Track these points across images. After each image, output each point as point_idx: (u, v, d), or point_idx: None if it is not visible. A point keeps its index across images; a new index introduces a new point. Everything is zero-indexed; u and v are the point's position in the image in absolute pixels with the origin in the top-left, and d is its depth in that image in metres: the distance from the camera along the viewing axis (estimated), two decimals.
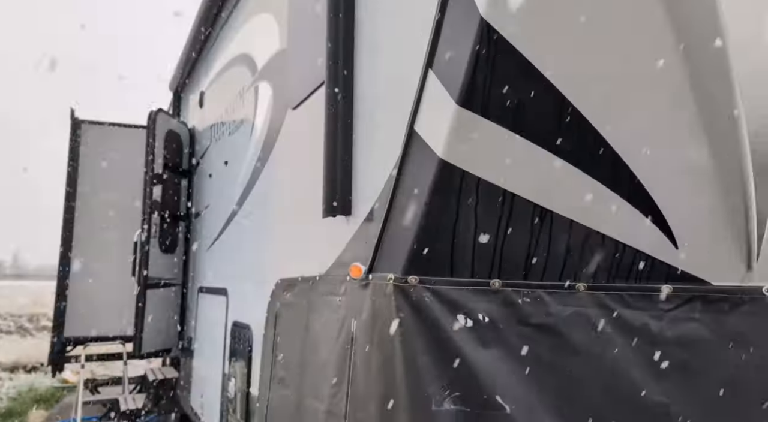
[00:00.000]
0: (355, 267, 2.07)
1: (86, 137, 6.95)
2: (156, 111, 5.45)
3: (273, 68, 3.40)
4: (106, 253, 6.89)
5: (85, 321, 6.78)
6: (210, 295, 4.66)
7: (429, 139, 1.68)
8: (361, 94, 2.24)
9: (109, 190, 6.99)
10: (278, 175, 3.22)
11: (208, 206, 5.07)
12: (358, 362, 1.93)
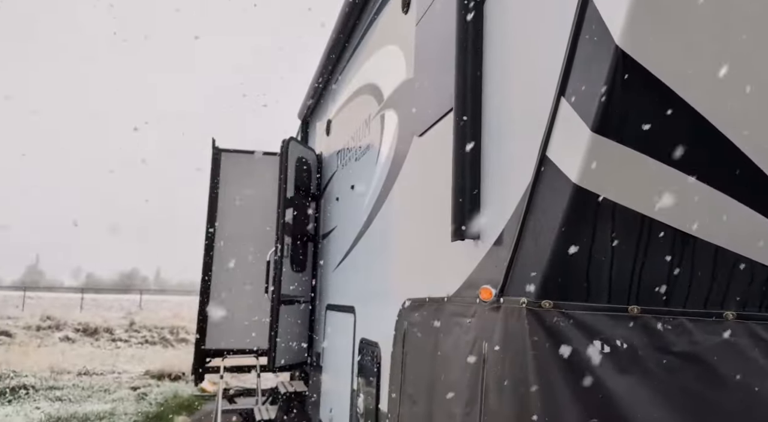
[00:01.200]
0: (485, 290, 2.12)
1: (225, 164, 7.60)
2: (288, 139, 5.85)
3: (399, 97, 3.56)
4: (241, 272, 7.44)
5: (223, 335, 7.34)
6: (338, 313, 4.89)
7: (562, 165, 1.71)
8: (489, 120, 2.30)
9: (243, 213, 7.58)
10: (404, 198, 3.35)
11: (335, 228, 5.33)
12: (491, 383, 1.97)
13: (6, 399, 9.65)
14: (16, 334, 20.50)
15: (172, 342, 21.42)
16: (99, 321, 23.13)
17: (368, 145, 4.23)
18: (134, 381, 11.68)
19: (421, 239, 3.03)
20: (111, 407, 9.11)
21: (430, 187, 2.91)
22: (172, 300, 38.04)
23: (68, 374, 12.11)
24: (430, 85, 2.96)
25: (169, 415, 8.45)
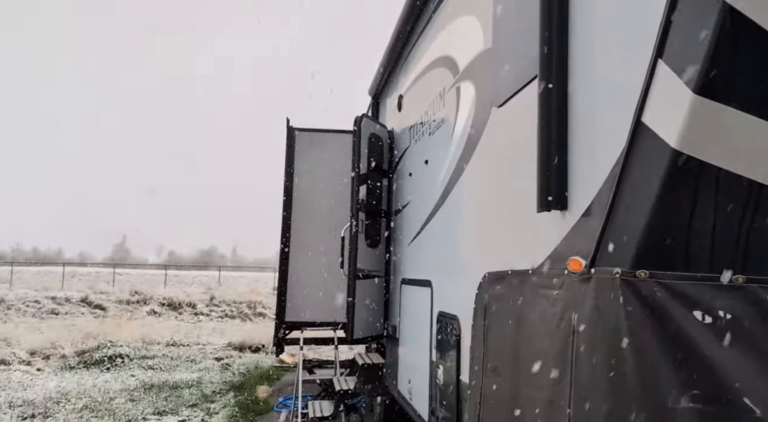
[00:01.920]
0: (574, 261, 2.08)
1: (299, 143, 7.77)
2: (361, 116, 5.90)
3: (476, 68, 3.51)
4: (317, 247, 7.63)
5: (301, 309, 7.59)
6: (413, 287, 4.94)
7: (660, 130, 1.64)
8: (576, 87, 2.23)
9: (318, 190, 7.74)
10: (483, 171, 3.32)
11: (409, 203, 5.35)
12: (582, 355, 1.95)
13: (105, 367, 10.42)
14: (109, 308, 22.01)
15: (250, 316, 22.35)
16: (182, 296, 24.41)
17: (443, 118, 4.20)
18: (217, 352, 12.31)
19: (501, 211, 3.00)
20: (198, 376, 9.65)
21: (511, 158, 2.86)
22: (248, 276, 39.55)
23: (158, 345, 12.90)
24: (511, 54, 2.89)
25: (251, 384, 8.86)
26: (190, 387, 8.76)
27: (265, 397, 8.14)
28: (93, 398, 7.92)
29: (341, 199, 7.46)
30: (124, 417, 6.94)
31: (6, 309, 20.50)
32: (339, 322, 7.33)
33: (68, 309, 21.54)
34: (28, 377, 9.61)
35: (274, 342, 7.65)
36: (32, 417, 6.92)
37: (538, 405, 2.21)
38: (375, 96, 7.33)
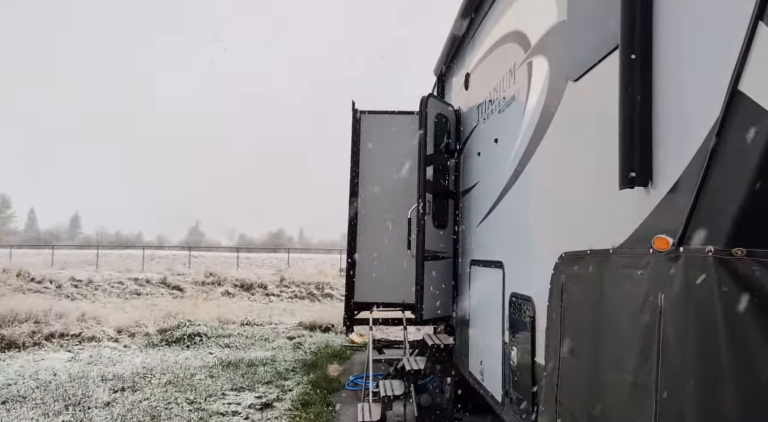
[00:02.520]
0: (660, 239, 1.99)
1: (365, 125, 7.81)
2: (427, 96, 5.85)
3: (549, 42, 3.39)
4: (384, 229, 7.69)
5: (370, 290, 7.69)
6: (483, 268, 4.89)
7: (760, 98, 1.53)
8: (662, 55, 2.12)
9: (384, 172, 7.78)
10: (558, 148, 3.22)
11: (477, 183, 5.28)
12: (670, 336, 1.87)
13: (185, 345, 10.96)
14: (186, 289, 23.06)
15: (318, 297, 22.87)
16: (253, 277, 25.24)
17: (513, 95, 4.10)
18: (289, 332, 12.68)
19: (579, 189, 2.90)
20: (272, 354, 9.98)
21: (589, 133, 2.76)
22: (316, 258, 40.46)
23: (233, 324, 13.43)
24: (587, 26, 2.78)
25: (322, 363, 9.08)
26: (265, 364, 9.08)
27: (336, 375, 8.33)
28: (175, 374, 8.36)
29: (408, 181, 7.48)
30: (205, 392, 7.29)
31: (94, 290, 21.87)
32: (407, 303, 7.39)
33: (149, 290, 22.74)
34: (116, 353, 10.25)
35: (344, 322, 7.81)
36: (122, 390, 7.38)
37: (622, 388, 2.15)
38: (440, 75, 7.25)
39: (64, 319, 12.00)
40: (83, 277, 23.28)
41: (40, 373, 8.33)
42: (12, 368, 8.75)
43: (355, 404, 6.52)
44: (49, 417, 6.15)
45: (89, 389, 7.36)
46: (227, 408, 6.66)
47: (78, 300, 19.41)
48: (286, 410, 6.60)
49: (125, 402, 6.77)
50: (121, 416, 6.17)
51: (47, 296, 18.54)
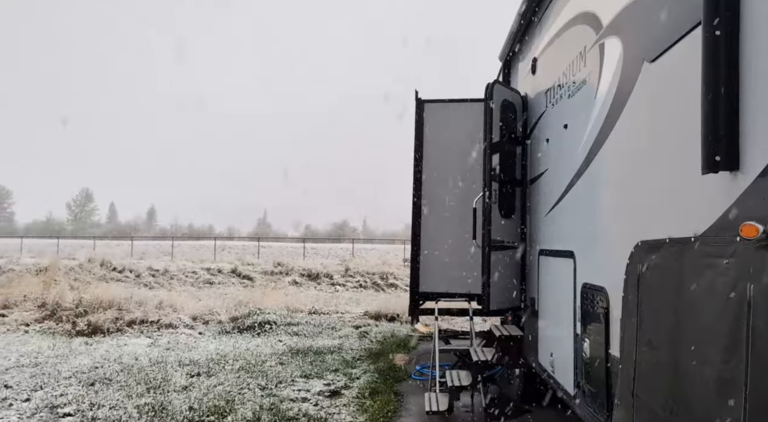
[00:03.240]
0: (748, 226, 1.88)
1: (428, 115, 7.76)
2: (492, 82, 5.74)
3: (622, 22, 3.25)
4: (449, 219, 7.64)
5: (435, 280, 7.67)
6: (553, 258, 4.77)
7: None
8: (751, 30, 1.98)
9: (447, 161, 7.71)
10: (633, 132, 3.09)
11: (546, 171, 5.15)
12: (761, 328, 1.77)
13: (255, 332, 11.32)
14: (255, 278, 23.80)
15: (382, 287, 23.06)
16: (319, 267, 25.74)
17: (584, 79, 3.96)
18: (355, 321, 12.85)
19: (656, 175, 2.78)
20: (338, 343, 10.15)
21: (667, 116, 2.63)
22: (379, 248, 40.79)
23: (301, 313, 13.73)
24: (664, 4, 2.64)
25: (388, 352, 9.16)
26: (332, 352, 9.25)
27: (402, 365, 8.38)
28: (247, 360, 8.64)
29: (472, 169, 7.39)
30: (276, 379, 7.50)
31: (169, 279, 22.93)
32: (473, 294, 7.33)
33: (221, 280, 23.62)
34: (192, 339, 10.71)
35: (409, 312, 7.83)
36: (198, 375, 7.71)
37: (706, 383, 2.05)
38: (506, 61, 7.10)
39: (143, 307, 12.63)
40: (160, 267, 24.46)
41: (123, 357, 8.81)
42: (98, 352, 9.31)
43: (422, 393, 6.54)
44: (132, 398, 6.51)
45: (168, 373, 7.72)
46: (297, 394, 6.83)
47: (155, 288, 20.41)
48: (354, 398, 6.70)
49: (201, 387, 7.06)
50: (197, 399, 6.44)
51: (128, 285, 19.60)
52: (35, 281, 15.84)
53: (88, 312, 11.86)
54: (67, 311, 12.12)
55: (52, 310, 12.28)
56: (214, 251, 37.30)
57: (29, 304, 12.90)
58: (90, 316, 11.56)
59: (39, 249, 37.96)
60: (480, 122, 7.37)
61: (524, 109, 6.03)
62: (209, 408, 6.10)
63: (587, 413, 3.62)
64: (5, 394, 6.66)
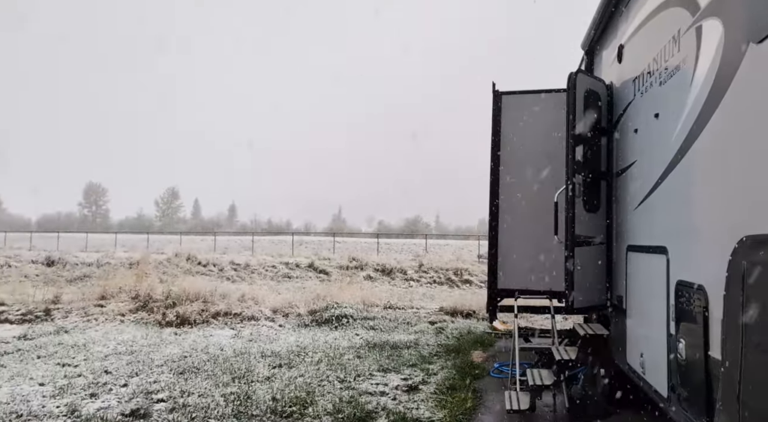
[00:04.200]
0: None
1: (506, 106, 7.60)
2: (576, 72, 5.54)
3: (723, 3, 3.03)
4: (528, 213, 7.46)
5: (514, 276, 7.52)
6: (643, 254, 4.55)
7: None
8: None
9: (527, 154, 7.53)
10: (737, 119, 2.88)
11: (634, 163, 4.91)
12: None
13: (333, 326, 11.53)
14: (331, 273, 24.26)
15: (456, 283, 22.89)
16: (393, 262, 25.89)
17: (678, 65, 3.73)
18: (430, 317, 12.82)
19: (763, 165, 2.57)
20: (414, 338, 10.16)
21: None
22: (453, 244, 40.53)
23: (376, 307, 13.86)
24: None
25: (465, 349, 9.08)
26: (409, 347, 9.27)
27: (480, 362, 8.27)
28: (326, 353, 8.82)
29: (553, 162, 7.17)
30: (354, 372, 7.60)
31: (250, 273, 23.79)
32: (554, 291, 7.13)
33: (298, 274, 24.25)
34: (273, 331, 11.05)
35: (487, 308, 7.72)
36: (279, 366, 7.94)
37: None
38: (588, 49, 6.83)
39: (226, 299, 13.16)
40: (241, 261, 25.43)
41: (209, 348, 9.21)
42: (186, 342, 9.78)
43: (501, 391, 6.43)
44: (219, 387, 6.79)
45: (251, 364, 8.00)
46: (375, 388, 6.89)
47: (237, 282, 21.23)
48: (432, 393, 6.68)
49: (283, 378, 7.27)
50: (279, 390, 6.63)
51: (212, 278, 20.49)
52: (128, 274, 16.84)
53: (177, 304, 12.48)
54: (157, 303, 12.81)
55: (144, 302, 13.02)
56: (291, 246, 38.35)
57: (124, 296, 13.73)
58: (178, 308, 12.16)
59: (131, 244, 40.46)
60: (561, 113, 7.15)
61: (609, 99, 5.78)
62: (291, 399, 6.27)
63: (683, 417, 3.42)
64: (106, 379, 7.12)
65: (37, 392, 6.51)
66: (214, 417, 5.67)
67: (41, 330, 10.60)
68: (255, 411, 5.91)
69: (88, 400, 6.21)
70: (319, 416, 5.78)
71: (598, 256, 5.70)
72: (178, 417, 5.65)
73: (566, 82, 5.56)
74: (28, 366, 7.80)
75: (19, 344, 9.35)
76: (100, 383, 6.93)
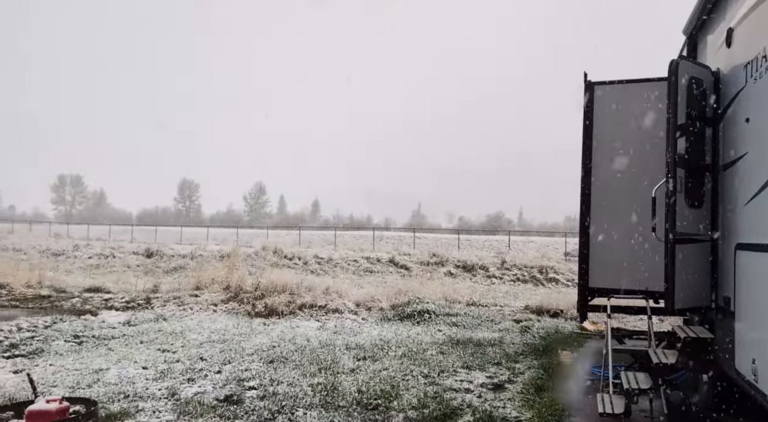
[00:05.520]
0: None
1: (598, 97, 7.27)
2: (677, 59, 5.20)
3: None
4: (622, 209, 7.11)
5: (606, 275, 7.19)
6: (756, 252, 4.20)
7: None
8: None
9: (621, 147, 7.17)
10: None
11: (745, 155, 4.55)
12: None
13: (415, 321, 11.54)
14: (412, 268, 24.33)
15: (542, 281, 22.31)
16: (474, 259, 25.59)
17: None
18: (515, 315, 12.54)
19: None
20: (499, 336, 9.98)
21: None
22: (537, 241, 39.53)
23: (458, 304, 13.75)
24: None
25: (553, 349, 8.81)
26: (493, 345, 9.11)
27: (569, 362, 8.00)
28: (409, 347, 8.83)
29: (649, 155, 6.80)
30: (438, 368, 7.56)
31: (333, 267, 24.30)
32: (650, 291, 6.76)
33: (379, 268, 24.50)
34: (356, 324, 11.21)
35: (577, 308, 7.44)
36: (364, 359, 8.03)
37: None
38: (691, 35, 6.40)
39: (312, 292, 13.50)
40: (324, 255, 26.02)
41: (296, 339, 9.47)
42: (274, 332, 10.11)
43: (593, 394, 6.18)
44: (306, 377, 6.96)
45: (336, 356, 8.15)
46: (459, 385, 6.82)
47: (321, 275, 21.76)
48: (519, 393, 6.53)
49: (367, 370, 7.35)
50: (365, 383, 6.71)
51: (297, 271, 21.09)
52: (220, 266, 17.66)
53: (265, 296, 12.94)
54: (247, 294, 13.33)
55: (235, 293, 13.60)
56: (372, 241, 38.78)
57: (216, 287, 14.41)
58: (266, 299, 12.60)
59: (222, 238, 42.41)
60: (659, 103, 6.77)
61: (716, 87, 5.39)
62: (376, 392, 6.32)
63: None
64: (201, 366, 7.49)
65: (141, 375, 6.94)
66: (302, 407, 5.82)
67: (143, 317, 11.32)
68: (341, 402, 6.01)
69: (186, 385, 6.55)
70: (404, 410, 5.79)
71: (702, 254, 5.35)
72: (268, 404, 5.84)
73: (667, 69, 5.23)
74: (132, 351, 8.34)
75: (124, 330, 10.03)
76: (196, 369, 7.30)
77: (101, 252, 27.74)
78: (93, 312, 12.01)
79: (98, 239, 39.88)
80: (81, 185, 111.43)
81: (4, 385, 6.38)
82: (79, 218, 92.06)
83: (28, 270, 17.23)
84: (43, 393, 5.74)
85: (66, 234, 47.94)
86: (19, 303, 13.40)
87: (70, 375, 6.89)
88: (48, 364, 7.49)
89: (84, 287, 15.83)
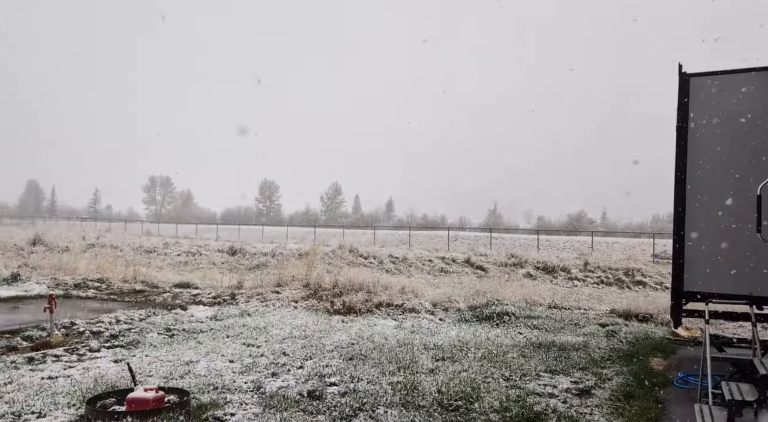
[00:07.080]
0: None
1: (695, 89, 6.84)
2: None
3: None
4: (720, 209, 6.66)
5: (703, 278, 6.76)
6: None
7: None
8: None
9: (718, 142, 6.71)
10: None
11: None
12: None
13: (494, 322, 11.31)
14: (488, 269, 23.95)
15: (628, 284, 21.34)
16: (555, 260, 24.82)
17: None
18: (600, 319, 12.02)
19: None
20: (583, 340, 9.58)
21: None
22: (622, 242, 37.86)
23: (539, 306, 13.35)
24: None
25: (642, 355, 8.36)
26: (577, 350, 8.76)
27: (661, 370, 7.56)
28: (488, 349, 8.65)
29: (753, 150, 6.32)
30: (519, 371, 7.36)
31: (408, 266, 24.31)
32: (755, 296, 6.28)
33: (455, 269, 24.27)
34: (433, 325, 11.13)
35: (671, 313, 7.03)
36: (443, 360, 7.94)
37: None
38: None
39: (388, 291, 13.54)
40: (399, 254, 26.09)
41: (374, 337, 9.51)
42: (353, 330, 10.21)
43: (688, 404, 5.81)
44: (386, 375, 6.96)
45: (415, 355, 8.11)
46: (543, 389, 6.60)
47: (396, 274, 21.80)
48: (606, 399, 6.23)
49: (446, 371, 7.26)
50: (444, 383, 6.62)
51: (372, 270, 21.24)
52: (299, 264, 18.07)
53: (343, 293, 13.11)
54: (326, 291, 13.57)
55: (314, 290, 13.87)
56: (447, 241, 38.51)
57: (296, 284, 14.76)
58: (344, 297, 12.77)
59: (300, 236, 43.50)
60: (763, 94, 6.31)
61: None
62: (456, 393, 6.23)
63: None
64: (284, 360, 7.67)
65: (228, 368, 7.19)
66: (383, 405, 5.82)
67: (228, 312, 11.76)
68: (422, 401, 5.96)
69: (270, 379, 6.72)
70: (485, 413, 5.67)
71: None
72: (349, 401, 5.88)
73: None
74: (219, 344, 8.67)
75: (211, 324, 10.46)
76: (279, 363, 7.48)
77: (189, 249, 29.13)
78: (182, 306, 12.59)
79: (186, 237, 42.00)
80: (170, 186, 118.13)
81: (106, 373, 6.79)
82: (168, 217, 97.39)
83: (124, 267, 18.36)
84: (141, 382, 6.05)
85: (156, 232, 50.78)
86: (116, 296, 14.30)
87: (163, 366, 7.25)
88: (144, 355, 7.91)
89: (174, 283, 16.66)
